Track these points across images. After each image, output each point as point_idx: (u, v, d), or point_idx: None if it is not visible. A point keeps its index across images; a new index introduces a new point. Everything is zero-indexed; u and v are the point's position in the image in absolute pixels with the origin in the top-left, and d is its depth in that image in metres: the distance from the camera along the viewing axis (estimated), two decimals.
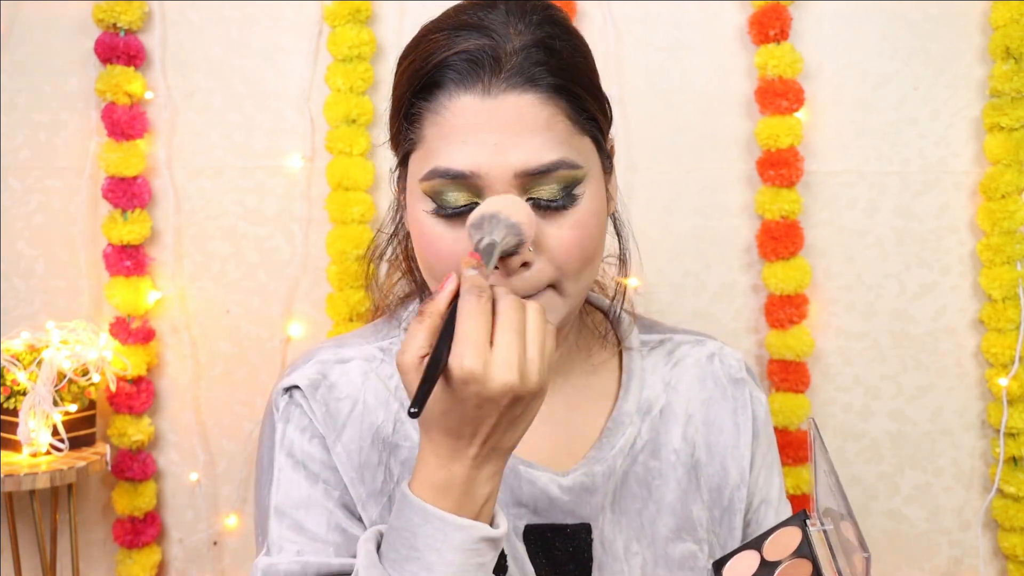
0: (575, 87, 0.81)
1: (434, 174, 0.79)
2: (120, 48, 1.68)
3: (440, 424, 0.72)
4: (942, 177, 1.69)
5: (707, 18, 1.70)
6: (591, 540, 0.89)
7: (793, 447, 1.66)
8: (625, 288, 0.97)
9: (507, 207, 0.76)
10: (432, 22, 0.85)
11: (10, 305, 1.74)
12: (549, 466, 0.89)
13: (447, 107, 0.79)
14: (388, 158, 0.91)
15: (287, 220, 1.74)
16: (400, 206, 0.91)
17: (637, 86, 1.70)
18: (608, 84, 1.67)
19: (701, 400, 0.96)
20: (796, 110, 1.65)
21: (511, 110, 0.78)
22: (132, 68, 1.69)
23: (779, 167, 1.65)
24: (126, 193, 1.69)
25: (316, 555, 0.84)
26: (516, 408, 0.71)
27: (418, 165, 0.82)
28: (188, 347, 1.75)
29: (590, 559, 0.89)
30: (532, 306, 0.72)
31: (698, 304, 1.72)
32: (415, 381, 0.69)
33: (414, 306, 0.96)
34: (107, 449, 1.65)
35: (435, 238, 0.81)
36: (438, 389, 0.69)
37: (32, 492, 1.55)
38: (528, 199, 0.79)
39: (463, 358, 0.68)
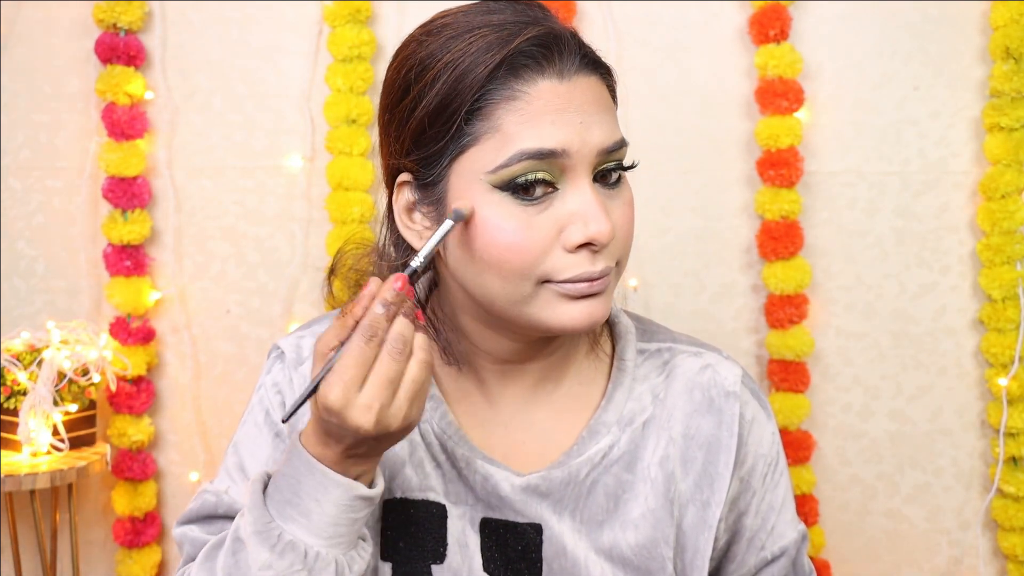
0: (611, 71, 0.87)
1: (521, 156, 0.79)
2: (120, 48, 1.68)
3: (313, 418, 0.77)
4: (942, 177, 1.69)
5: (707, 19, 1.70)
6: (541, 541, 0.89)
7: (793, 447, 1.67)
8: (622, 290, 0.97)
9: None
10: (453, 25, 0.83)
11: (10, 305, 1.74)
12: (511, 466, 0.89)
13: (525, 92, 0.80)
14: None
15: (287, 220, 1.74)
16: (431, 197, 0.86)
17: (637, 87, 1.70)
18: None
19: (685, 412, 0.93)
20: (796, 110, 1.66)
21: (586, 91, 0.81)
22: (132, 68, 1.69)
23: (779, 167, 1.65)
24: (126, 193, 1.69)
25: (237, 499, 0.92)
26: (372, 441, 0.76)
27: (486, 155, 0.80)
28: (188, 347, 1.75)
29: (539, 559, 0.89)
30: (417, 358, 0.76)
31: (698, 304, 1.72)
32: (315, 368, 0.76)
33: (417, 287, 0.96)
34: (107, 449, 1.65)
35: (515, 231, 0.79)
36: (312, 401, 0.76)
37: (32, 492, 1.55)
38: (594, 178, 0.82)
39: (328, 392, 0.73)
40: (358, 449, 0.77)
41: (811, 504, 1.69)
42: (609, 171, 0.82)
